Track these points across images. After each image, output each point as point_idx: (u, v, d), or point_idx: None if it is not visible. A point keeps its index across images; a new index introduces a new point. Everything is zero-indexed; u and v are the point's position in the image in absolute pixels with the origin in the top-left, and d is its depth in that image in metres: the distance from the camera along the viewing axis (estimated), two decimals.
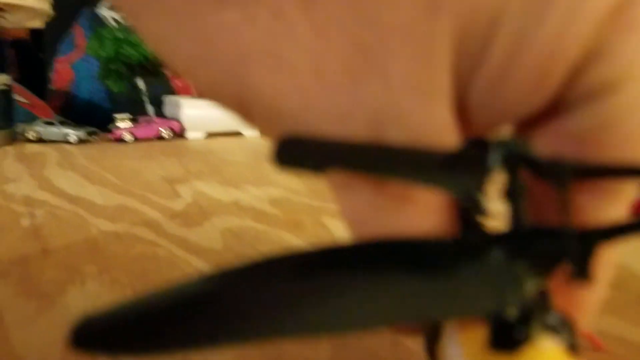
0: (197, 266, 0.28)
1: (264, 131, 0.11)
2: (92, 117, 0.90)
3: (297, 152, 0.10)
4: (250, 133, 0.77)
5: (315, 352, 0.19)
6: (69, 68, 1.02)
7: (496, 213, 0.10)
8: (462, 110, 0.10)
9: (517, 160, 0.09)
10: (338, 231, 0.35)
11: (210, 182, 0.49)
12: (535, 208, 0.10)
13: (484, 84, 0.10)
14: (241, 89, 0.10)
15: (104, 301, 0.25)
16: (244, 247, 0.31)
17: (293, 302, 0.08)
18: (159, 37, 0.11)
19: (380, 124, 0.10)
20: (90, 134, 0.69)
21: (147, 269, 0.28)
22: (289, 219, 0.38)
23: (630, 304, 0.24)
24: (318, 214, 0.39)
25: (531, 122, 0.11)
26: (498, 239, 0.09)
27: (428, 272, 0.08)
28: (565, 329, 0.09)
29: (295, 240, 0.33)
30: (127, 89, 0.84)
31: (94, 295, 0.25)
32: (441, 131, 0.10)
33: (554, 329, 0.09)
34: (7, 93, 0.67)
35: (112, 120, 0.71)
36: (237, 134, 0.76)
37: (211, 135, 0.75)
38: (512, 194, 0.09)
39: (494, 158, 0.09)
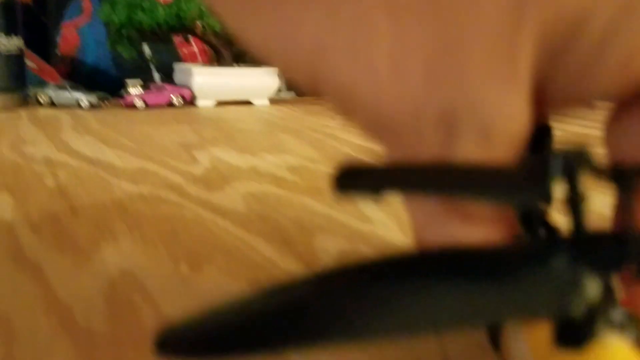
0: (224, 226, 0.29)
1: (333, 106, 0.12)
2: (99, 83, 0.90)
3: (356, 180, 0.10)
4: (261, 102, 0.77)
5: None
6: (75, 33, 1.02)
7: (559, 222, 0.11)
8: (541, 93, 0.11)
9: (577, 168, 0.10)
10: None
11: (226, 148, 0.49)
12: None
13: (571, 70, 0.10)
14: (316, 73, 0.11)
15: (138, 257, 0.25)
16: (267, 210, 0.32)
17: (385, 304, 0.09)
18: (240, 25, 0.11)
19: (453, 114, 0.10)
20: (101, 99, 0.69)
21: (176, 228, 0.29)
22: (309, 185, 0.38)
23: None
24: None
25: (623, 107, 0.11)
26: (562, 245, 0.10)
27: (496, 277, 0.09)
28: (631, 325, 0.10)
29: (317, 206, 0.33)
30: (135, 56, 0.84)
31: (127, 252, 0.26)
32: (515, 120, 0.10)
33: (620, 326, 0.10)
34: (19, 56, 0.67)
35: (122, 85, 0.71)
36: (248, 103, 0.76)
37: (221, 103, 0.75)
38: (573, 202, 0.10)
39: (555, 168, 0.09)
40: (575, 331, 0.10)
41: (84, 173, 0.40)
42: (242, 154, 0.47)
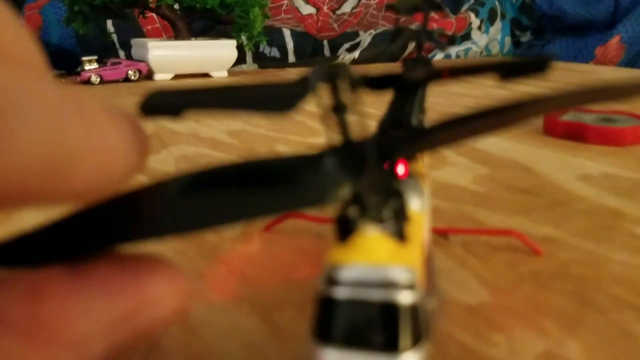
0: None
1: None
2: (63, 62, 0.89)
3: (160, 101, 0.12)
4: (219, 74, 0.78)
5: None
6: (37, 14, 1.01)
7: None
8: None
9: (336, 78, 0.11)
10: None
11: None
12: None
13: None
14: None
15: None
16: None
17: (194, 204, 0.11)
18: None
19: None
20: (58, 76, 0.70)
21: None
22: (244, 147, 0.39)
23: (541, 207, 0.27)
24: (273, 142, 0.41)
25: None
26: (331, 150, 0.11)
27: (278, 180, 0.11)
28: (393, 220, 0.11)
29: None
30: (95, 32, 0.84)
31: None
32: None
33: (381, 220, 0.11)
34: None
35: (79, 63, 0.71)
36: (205, 75, 0.77)
37: (179, 77, 0.75)
38: (337, 109, 0.11)
39: (314, 78, 0.11)
40: (344, 227, 0.11)
41: None
42: (188, 121, 0.48)
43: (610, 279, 0.19)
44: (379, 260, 0.10)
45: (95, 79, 0.70)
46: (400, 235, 0.11)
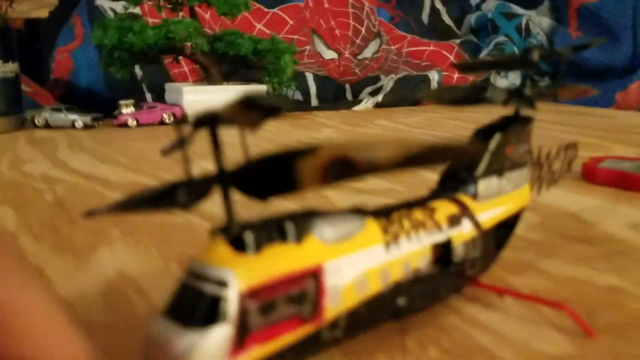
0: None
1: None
2: (92, 105, 0.92)
3: None
4: None
5: None
6: (68, 57, 1.04)
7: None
8: None
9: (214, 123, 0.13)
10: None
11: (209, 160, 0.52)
12: None
13: None
14: None
15: (132, 259, 0.28)
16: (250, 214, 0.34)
17: None
18: None
19: None
20: (95, 119, 0.72)
21: (167, 232, 0.31)
22: None
23: (600, 257, 0.27)
24: None
25: None
26: (215, 177, 0.14)
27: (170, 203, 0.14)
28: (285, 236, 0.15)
29: None
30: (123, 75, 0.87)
31: (122, 254, 0.28)
32: None
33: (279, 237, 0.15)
34: (15, 81, 0.70)
35: (116, 106, 0.74)
36: None
37: None
38: (215, 147, 0.14)
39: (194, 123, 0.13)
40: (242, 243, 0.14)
41: (80, 188, 0.42)
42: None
43: None
44: (211, 262, 0.14)
45: (132, 122, 0.72)
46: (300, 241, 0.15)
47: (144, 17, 0.82)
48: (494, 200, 0.22)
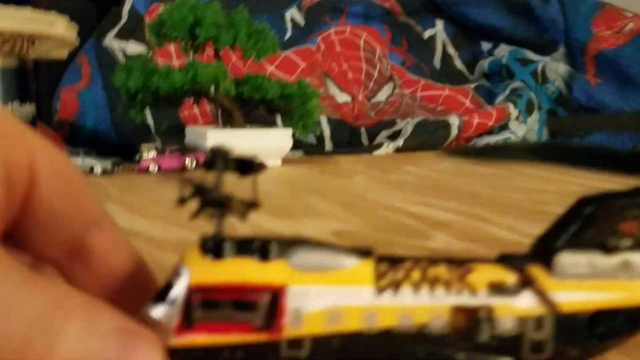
0: None
1: None
2: (98, 148, 0.88)
3: None
4: (274, 163, 0.76)
5: None
6: (74, 98, 1.01)
7: None
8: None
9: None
10: None
11: (260, 213, 0.48)
12: None
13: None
14: None
15: None
16: None
17: None
18: None
19: None
20: (115, 164, 0.68)
21: None
22: None
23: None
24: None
25: None
26: (210, 202, 0.17)
27: None
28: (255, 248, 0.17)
29: None
30: (129, 118, 0.83)
31: None
32: None
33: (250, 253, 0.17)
34: (32, 124, 0.66)
35: (124, 149, 0.70)
36: None
37: None
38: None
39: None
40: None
41: None
42: (279, 218, 0.46)
43: None
44: (182, 261, 0.17)
45: (153, 168, 0.69)
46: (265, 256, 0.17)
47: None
48: (592, 282, 0.19)
